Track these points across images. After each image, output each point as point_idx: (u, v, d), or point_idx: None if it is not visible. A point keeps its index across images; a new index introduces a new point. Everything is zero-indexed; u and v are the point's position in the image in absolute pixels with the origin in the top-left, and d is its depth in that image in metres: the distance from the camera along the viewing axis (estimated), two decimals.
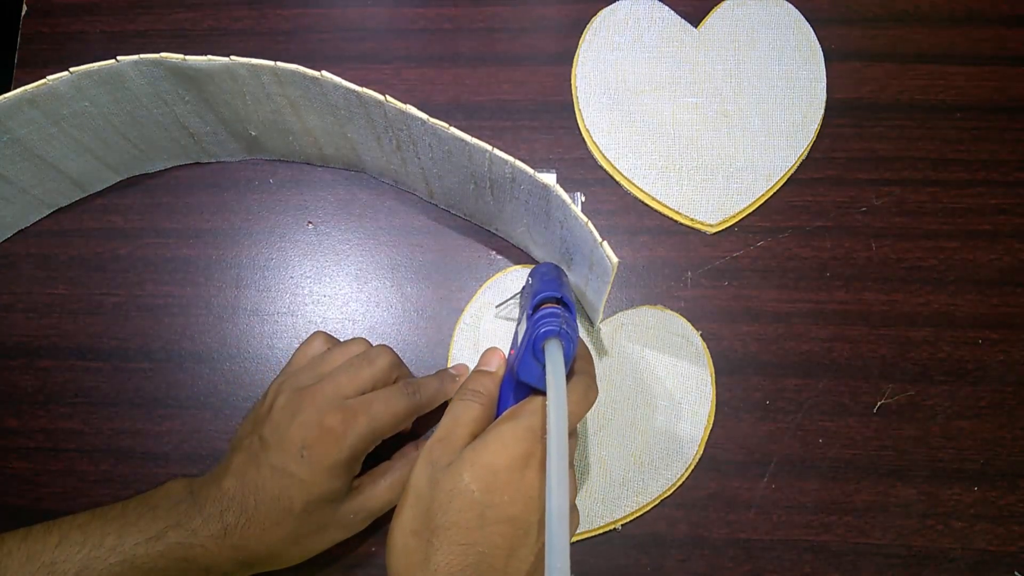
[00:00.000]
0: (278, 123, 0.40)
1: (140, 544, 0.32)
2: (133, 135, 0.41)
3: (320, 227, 0.44)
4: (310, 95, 0.37)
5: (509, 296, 0.41)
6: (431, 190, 0.42)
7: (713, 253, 0.43)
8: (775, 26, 0.46)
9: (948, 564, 0.39)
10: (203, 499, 0.33)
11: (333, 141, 0.41)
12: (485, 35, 0.47)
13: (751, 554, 0.39)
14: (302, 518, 0.33)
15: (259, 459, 0.33)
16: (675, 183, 0.44)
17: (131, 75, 0.37)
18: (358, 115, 0.37)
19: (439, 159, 0.37)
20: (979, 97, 0.45)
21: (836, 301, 0.42)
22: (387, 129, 0.37)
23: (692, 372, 0.41)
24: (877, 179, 0.44)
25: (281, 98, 0.38)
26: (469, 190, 0.39)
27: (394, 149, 0.39)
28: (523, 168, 0.33)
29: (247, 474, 0.33)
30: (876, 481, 0.40)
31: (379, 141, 0.39)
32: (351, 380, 0.35)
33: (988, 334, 0.42)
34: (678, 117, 0.45)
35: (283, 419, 0.34)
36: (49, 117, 0.37)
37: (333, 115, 0.38)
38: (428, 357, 0.42)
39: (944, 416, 0.41)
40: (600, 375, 0.40)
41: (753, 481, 0.40)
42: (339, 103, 0.37)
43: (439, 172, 0.39)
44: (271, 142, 0.43)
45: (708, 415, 0.41)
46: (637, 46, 0.46)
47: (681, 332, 0.42)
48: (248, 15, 0.48)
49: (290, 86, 0.37)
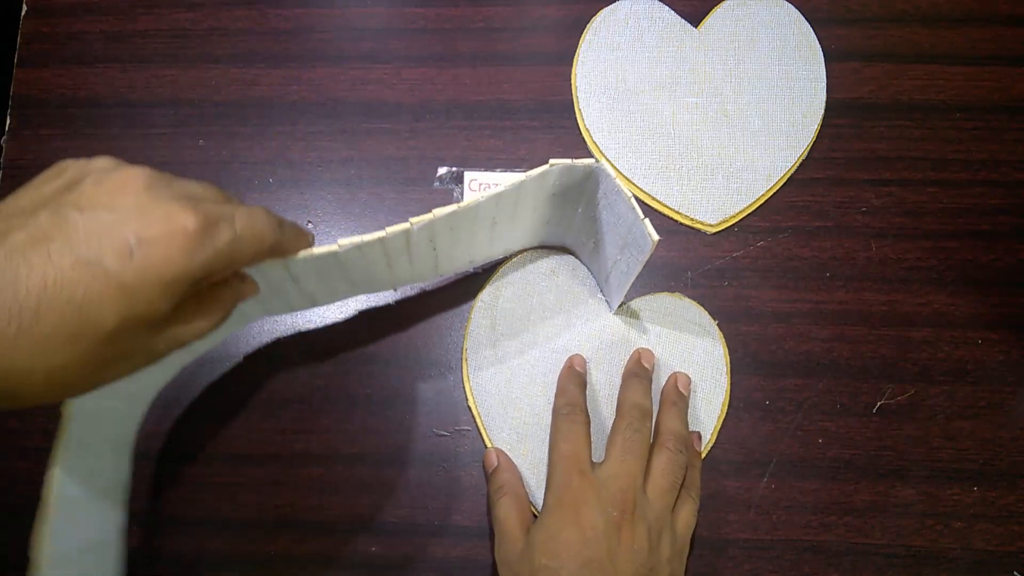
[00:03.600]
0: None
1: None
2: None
3: (320, 227, 0.44)
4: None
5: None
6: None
7: (713, 253, 0.43)
8: (775, 26, 0.46)
9: (948, 564, 0.39)
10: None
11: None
12: (485, 35, 0.47)
13: (751, 554, 0.39)
14: (109, 340, 0.24)
15: (56, 240, 0.23)
16: (675, 183, 0.44)
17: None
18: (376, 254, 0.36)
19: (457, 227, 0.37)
20: (979, 97, 0.45)
21: (836, 301, 0.42)
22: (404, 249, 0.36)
23: (708, 360, 0.41)
24: (877, 179, 0.44)
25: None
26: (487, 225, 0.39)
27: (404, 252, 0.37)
28: (563, 162, 0.33)
29: (30, 257, 0.22)
30: (876, 481, 0.40)
31: (393, 260, 0.37)
32: (205, 189, 0.28)
33: (988, 334, 0.42)
34: (678, 117, 0.45)
35: (112, 196, 0.24)
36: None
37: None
38: (438, 353, 0.42)
39: (944, 416, 0.41)
40: (616, 360, 0.41)
41: (753, 481, 0.40)
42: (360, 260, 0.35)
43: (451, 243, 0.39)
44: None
45: (722, 404, 0.41)
46: (637, 46, 0.46)
47: (697, 320, 0.42)
48: (248, 15, 0.48)
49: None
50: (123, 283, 0.23)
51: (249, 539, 0.40)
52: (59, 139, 0.46)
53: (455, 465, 0.41)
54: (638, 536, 0.33)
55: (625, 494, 0.34)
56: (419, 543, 0.40)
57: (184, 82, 0.47)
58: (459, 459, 0.41)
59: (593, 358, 0.41)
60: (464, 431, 0.41)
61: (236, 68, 0.47)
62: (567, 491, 0.34)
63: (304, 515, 0.40)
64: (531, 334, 0.42)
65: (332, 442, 0.41)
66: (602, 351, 0.41)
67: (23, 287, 0.22)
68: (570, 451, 0.36)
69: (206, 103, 0.46)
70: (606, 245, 0.38)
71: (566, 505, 0.34)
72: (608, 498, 0.34)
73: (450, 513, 0.40)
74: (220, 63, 0.47)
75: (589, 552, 0.32)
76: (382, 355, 0.42)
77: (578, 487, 0.34)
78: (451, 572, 0.39)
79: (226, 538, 0.40)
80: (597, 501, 0.34)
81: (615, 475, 0.35)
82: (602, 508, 0.34)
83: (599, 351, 0.41)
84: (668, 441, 0.37)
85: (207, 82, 0.47)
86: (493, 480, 0.39)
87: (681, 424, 0.38)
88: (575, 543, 0.33)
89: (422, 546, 0.40)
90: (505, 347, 0.42)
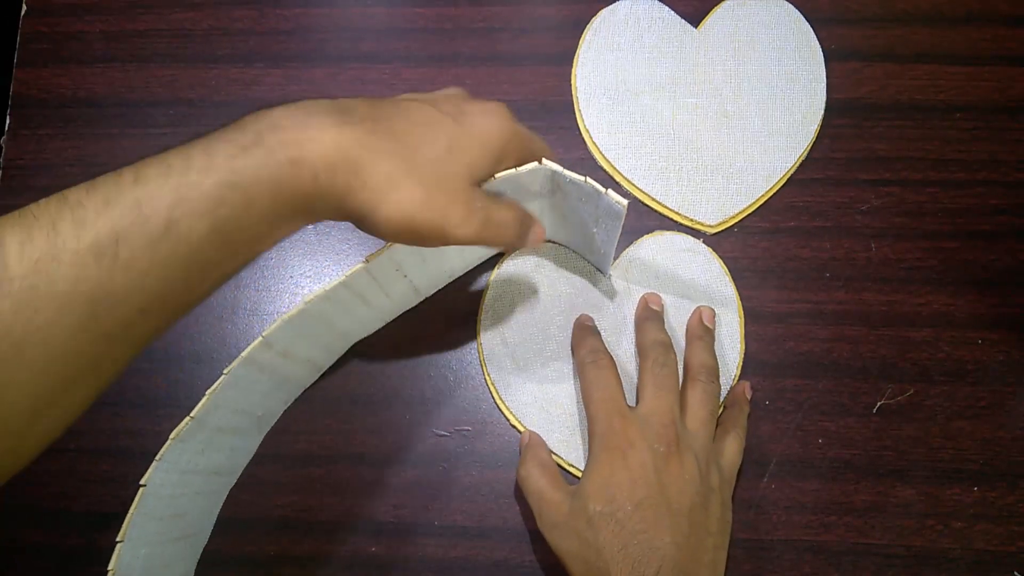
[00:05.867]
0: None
1: (235, 156, 0.25)
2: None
3: (320, 227, 0.44)
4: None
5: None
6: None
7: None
8: (775, 26, 0.46)
9: (948, 564, 0.39)
10: (315, 105, 0.27)
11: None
12: (485, 35, 0.47)
13: (751, 554, 0.39)
14: (461, 179, 0.30)
15: (421, 108, 0.30)
16: (675, 183, 0.44)
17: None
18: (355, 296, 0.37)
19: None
20: (979, 97, 0.45)
21: (836, 301, 0.42)
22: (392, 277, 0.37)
23: (708, 275, 0.42)
24: (877, 179, 0.44)
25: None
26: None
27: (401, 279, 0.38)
28: (505, 174, 0.33)
29: (392, 115, 0.29)
30: (876, 481, 0.40)
31: (385, 292, 0.38)
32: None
33: (988, 334, 0.42)
34: (678, 117, 0.45)
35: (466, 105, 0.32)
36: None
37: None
38: (439, 348, 0.42)
39: (944, 416, 0.41)
40: (629, 316, 0.42)
41: (753, 481, 0.40)
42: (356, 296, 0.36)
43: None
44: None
45: (738, 311, 0.42)
46: (637, 46, 0.46)
47: (684, 246, 0.43)
48: (248, 15, 0.48)
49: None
50: (467, 142, 0.30)
51: (249, 539, 0.40)
52: (58, 139, 0.46)
53: (455, 465, 0.41)
54: (687, 467, 0.34)
55: (667, 428, 0.35)
56: (419, 543, 0.40)
57: (183, 82, 0.47)
58: (459, 459, 0.41)
59: (607, 326, 0.42)
60: (464, 431, 0.41)
61: (236, 68, 0.47)
62: (611, 435, 0.35)
63: (304, 515, 0.40)
64: (541, 333, 0.42)
65: (332, 442, 0.41)
66: (613, 314, 0.42)
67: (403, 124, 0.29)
68: (605, 396, 0.36)
69: (206, 103, 0.46)
70: (583, 223, 0.38)
71: (613, 448, 0.35)
72: (652, 435, 0.35)
73: (450, 513, 0.40)
74: (220, 63, 0.47)
75: (642, 491, 0.33)
76: (382, 355, 0.42)
77: (621, 429, 0.35)
78: (451, 572, 0.39)
79: (226, 538, 0.40)
80: (642, 439, 0.35)
81: (654, 411, 0.36)
82: (648, 445, 0.34)
83: (610, 315, 0.42)
84: (699, 374, 0.38)
85: (207, 82, 0.47)
86: (521, 456, 0.39)
87: (709, 356, 0.39)
88: (626, 484, 0.34)
89: (422, 546, 0.40)
90: (523, 355, 0.42)
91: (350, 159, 0.27)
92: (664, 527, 0.33)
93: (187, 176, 0.24)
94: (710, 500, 0.35)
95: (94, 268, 0.23)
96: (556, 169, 0.33)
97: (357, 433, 0.41)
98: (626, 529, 0.33)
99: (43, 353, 0.23)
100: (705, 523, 0.34)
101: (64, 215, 0.23)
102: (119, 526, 0.40)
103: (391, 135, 0.28)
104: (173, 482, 0.34)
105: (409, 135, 0.29)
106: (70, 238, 0.23)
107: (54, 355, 0.23)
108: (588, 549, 0.33)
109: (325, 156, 0.26)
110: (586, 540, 0.33)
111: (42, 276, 0.22)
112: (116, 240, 0.23)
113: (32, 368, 0.23)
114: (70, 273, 0.23)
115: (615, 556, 0.32)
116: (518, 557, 0.40)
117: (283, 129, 0.26)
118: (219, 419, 0.35)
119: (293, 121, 0.26)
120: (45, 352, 0.23)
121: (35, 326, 0.22)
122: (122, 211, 0.23)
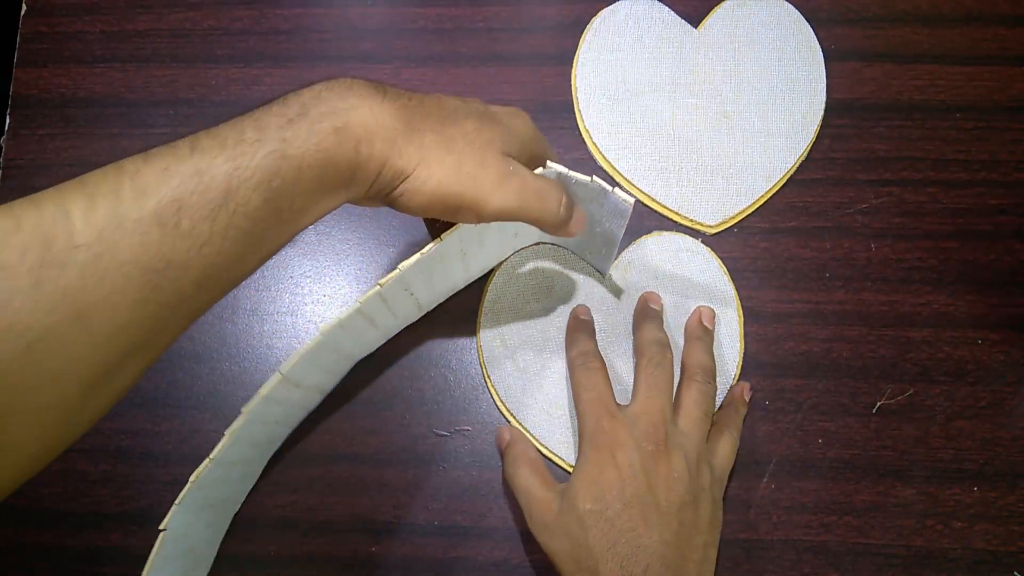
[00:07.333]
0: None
1: (284, 127, 0.26)
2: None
3: (320, 227, 0.44)
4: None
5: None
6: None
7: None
8: (775, 26, 0.46)
9: (948, 564, 0.39)
10: (354, 81, 0.29)
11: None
12: (485, 35, 0.47)
13: (751, 554, 0.39)
14: (493, 148, 0.31)
15: (448, 103, 0.31)
16: (675, 184, 0.44)
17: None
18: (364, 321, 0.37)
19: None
20: (979, 97, 0.45)
21: (836, 301, 0.42)
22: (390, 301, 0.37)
23: (707, 275, 0.42)
24: (876, 179, 0.44)
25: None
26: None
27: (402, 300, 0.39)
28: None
29: (424, 98, 0.31)
30: (876, 481, 0.40)
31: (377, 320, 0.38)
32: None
33: (988, 334, 0.42)
34: (678, 118, 0.45)
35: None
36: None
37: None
38: (442, 350, 0.42)
39: (944, 416, 0.41)
40: (628, 317, 0.42)
41: (753, 481, 0.40)
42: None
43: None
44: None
45: (738, 309, 0.42)
46: (637, 47, 0.46)
47: (685, 246, 0.43)
48: (248, 15, 0.47)
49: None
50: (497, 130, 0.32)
51: (249, 539, 0.40)
52: (58, 138, 0.46)
53: (455, 465, 0.41)
54: (675, 465, 0.34)
55: (656, 427, 0.35)
56: (419, 543, 0.40)
57: (183, 82, 0.47)
58: (459, 459, 0.41)
59: (607, 326, 0.42)
60: (464, 431, 0.41)
61: (236, 68, 0.47)
62: (600, 435, 0.35)
63: (304, 515, 0.40)
64: (541, 333, 0.42)
65: (332, 442, 0.41)
66: (613, 315, 0.42)
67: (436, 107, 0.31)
68: (594, 397, 0.37)
69: (205, 103, 0.46)
70: (587, 224, 0.38)
71: (601, 448, 0.35)
72: (640, 434, 0.35)
73: (450, 513, 0.40)
74: (220, 63, 0.47)
75: (630, 490, 0.34)
76: (382, 355, 0.42)
77: (609, 429, 0.35)
78: (451, 572, 0.39)
79: (226, 538, 0.40)
80: (630, 439, 0.35)
81: (644, 411, 0.36)
82: (636, 445, 0.35)
83: (609, 316, 0.42)
84: (696, 374, 0.38)
85: (206, 82, 0.47)
86: (507, 455, 0.39)
87: (707, 356, 0.39)
88: (615, 483, 0.34)
89: (422, 546, 0.40)
90: (523, 355, 0.42)
91: (387, 128, 0.28)
92: (652, 525, 0.33)
93: (241, 147, 0.25)
94: (700, 499, 0.35)
95: (156, 237, 0.23)
96: (562, 171, 0.33)
97: (357, 433, 0.41)
98: (615, 527, 0.33)
99: (107, 324, 0.22)
100: (695, 521, 0.34)
101: (124, 183, 0.23)
102: (119, 527, 0.40)
103: (423, 112, 0.30)
104: (189, 522, 0.35)
105: (441, 111, 0.30)
106: (133, 206, 0.23)
107: (117, 325, 0.23)
108: (578, 548, 0.33)
109: (365, 124, 0.27)
110: (576, 539, 0.33)
111: (106, 245, 0.22)
112: (178, 208, 0.23)
113: (95, 339, 0.22)
114: (134, 242, 0.22)
115: (604, 554, 0.33)
116: (518, 557, 0.40)
117: (326, 100, 0.27)
118: (233, 454, 0.35)
119: (335, 93, 0.28)
120: (109, 323, 0.22)
121: (100, 296, 0.22)
122: (182, 179, 0.23)
